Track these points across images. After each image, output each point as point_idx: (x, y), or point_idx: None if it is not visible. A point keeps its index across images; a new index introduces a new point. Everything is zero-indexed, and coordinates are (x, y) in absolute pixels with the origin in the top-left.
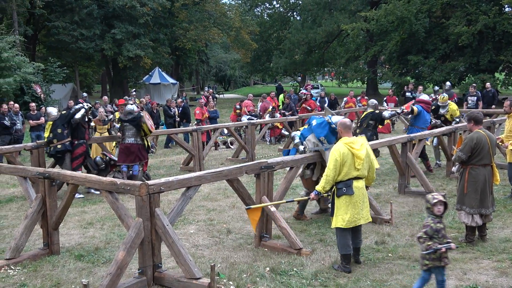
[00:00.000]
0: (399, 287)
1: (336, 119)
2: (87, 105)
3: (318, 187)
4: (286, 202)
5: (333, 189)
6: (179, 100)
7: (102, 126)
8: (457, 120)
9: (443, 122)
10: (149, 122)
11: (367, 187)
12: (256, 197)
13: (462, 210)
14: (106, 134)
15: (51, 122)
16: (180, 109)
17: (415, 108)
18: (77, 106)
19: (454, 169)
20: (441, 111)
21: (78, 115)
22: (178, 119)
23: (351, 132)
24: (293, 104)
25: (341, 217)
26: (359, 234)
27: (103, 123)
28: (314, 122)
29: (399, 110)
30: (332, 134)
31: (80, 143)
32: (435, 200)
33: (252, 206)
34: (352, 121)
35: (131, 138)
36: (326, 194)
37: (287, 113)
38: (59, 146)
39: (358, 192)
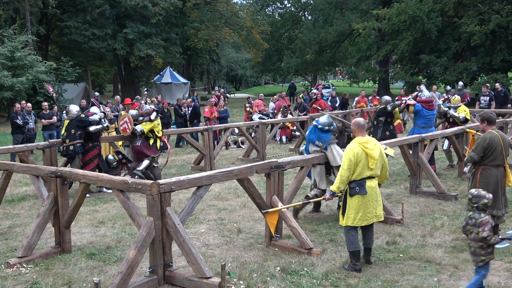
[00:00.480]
0: (410, 287)
1: (321, 119)
2: (106, 124)
3: (333, 187)
4: (303, 203)
5: (345, 188)
6: (189, 100)
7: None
8: (461, 117)
9: (452, 124)
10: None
11: (379, 185)
12: (266, 197)
13: None
14: (114, 133)
15: (68, 121)
16: (190, 109)
17: (411, 103)
18: (95, 118)
19: (466, 169)
20: (452, 112)
21: (92, 128)
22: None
23: (365, 132)
24: (305, 104)
25: (353, 216)
26: (371, 234)
27: (110, 122)
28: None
29: (398, 102)
30: (321, 133)
31: (94, 145)
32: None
33: (269, 210)
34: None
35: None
36: (340, 194)
37: (300, 113)
38: (70, 148)
39: (371, 192)
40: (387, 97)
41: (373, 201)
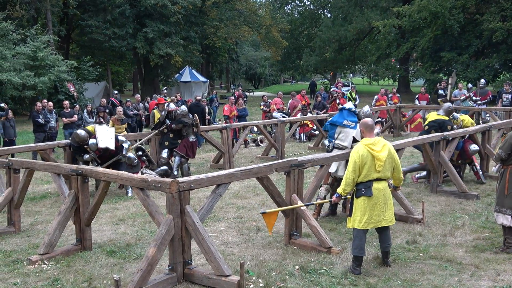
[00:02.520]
0: (431, 287)
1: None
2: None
3: (339, 190)
4: (305, 205)
5: (353, 190)
6: (198, 98)
7: (120, 126)
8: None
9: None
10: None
11: (396, 187)
12: (286, 195)
13: (500, 212)
14: (124, 133)
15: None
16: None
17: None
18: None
19: (494, 169)
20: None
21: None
22: (208, 117)
23: (373, 133)
24: (324, 102)
25: (359, 218)
26: (387, 237)
27: (121, 122)
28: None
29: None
30: (349, 116)
31: None
32: None
33: (267, 211)
34: (384, 119)
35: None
36: (349, 196)
37: (320, 112)
38: None
39: (379, 194)
40: (448, 104)
41: (381, 204)
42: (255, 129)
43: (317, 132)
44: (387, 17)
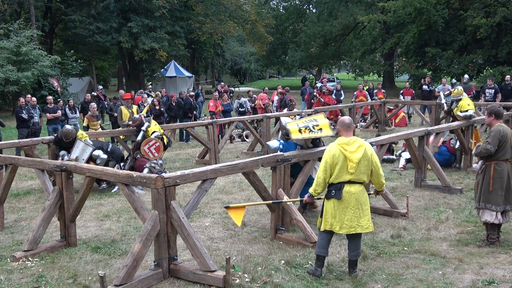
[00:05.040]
0: (415, 281)
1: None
2: None
3: (310, 189)
4: (273, 203)
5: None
6: (189, 94)
7: (96, 122)
8: (468, 115)
9: (453, 119)
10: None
11: (378, 192)
12: (272, 190)
13: (486, 209)
14: (99, 130)
15: None
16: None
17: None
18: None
19: (476, 165)
20: (452, 106)
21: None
22: (194, 112)
23: (351, 132)
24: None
25: (329, 221)
26: (355, 245)
27: (96, 118)
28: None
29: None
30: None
31: None
32: None
33: (231, 206)
34: (367, 114)
35: None
36: (322, 197)
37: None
38: None
39: (350, 198)
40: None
41: (353, 208)
42: (241, 124)
43: None
44: (372, 12)
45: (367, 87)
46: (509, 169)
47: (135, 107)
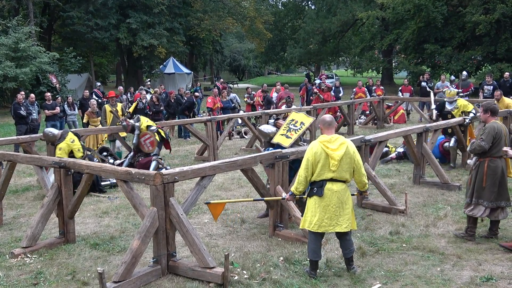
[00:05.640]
0: (413, 277)
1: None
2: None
3: (292, 188)
4: (254, 200)
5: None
6: (187, 92)
7: (96, 118)
8: (473, 113)
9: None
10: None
11: (362, 192)
12: (270, 187)
13: (478, 205)
14: (99, 126)
15: None
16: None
17: None
18: None
19: (470, 161)
20: (448, 107)
21: None
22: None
23: (332, 129)
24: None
25: (309, 219)
26: (347, 243)
27: (96, 115)
28: None
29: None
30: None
31: None
32: None
33: (211, 202)
34: (366, 112)
35: None
36: (305, 196)
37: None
38: None
39: (332, 196)
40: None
41: (334, 207)
42: (239, 121)
43: None
44: (371, 9)
45: (368, 82)
46: (503, 166)
47: (119, 105)
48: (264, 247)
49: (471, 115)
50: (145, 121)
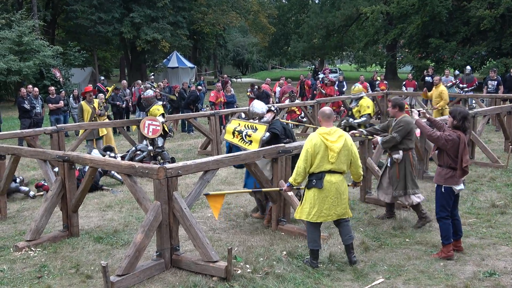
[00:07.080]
0: (416, 272)
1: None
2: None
3: (290, 179)
4: (252, 191)
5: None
6: (192, 86)
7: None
8: (366, 118)
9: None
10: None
11: (356, 183)
12: (274, 181)
13: (414, 194)
14: (106, 120)
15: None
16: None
17: None
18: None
19: (397, 156)
20: (351, 104)
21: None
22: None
23: (331, 122)
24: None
25: (307, 210)
26: (346, 229)
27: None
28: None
29: None
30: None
31: None
32: None
33: (211, 193)
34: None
35: None
36: (302, 187)
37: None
38: None
39: (330, 187)
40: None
41: (333, 197)
42: (243, 115)
43: (305, 119)
44: (375, 3)
45: (374, 76)
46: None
47: (96, 101)
48: (267, 241)
49: (363, 118)
50: (162, 108)
